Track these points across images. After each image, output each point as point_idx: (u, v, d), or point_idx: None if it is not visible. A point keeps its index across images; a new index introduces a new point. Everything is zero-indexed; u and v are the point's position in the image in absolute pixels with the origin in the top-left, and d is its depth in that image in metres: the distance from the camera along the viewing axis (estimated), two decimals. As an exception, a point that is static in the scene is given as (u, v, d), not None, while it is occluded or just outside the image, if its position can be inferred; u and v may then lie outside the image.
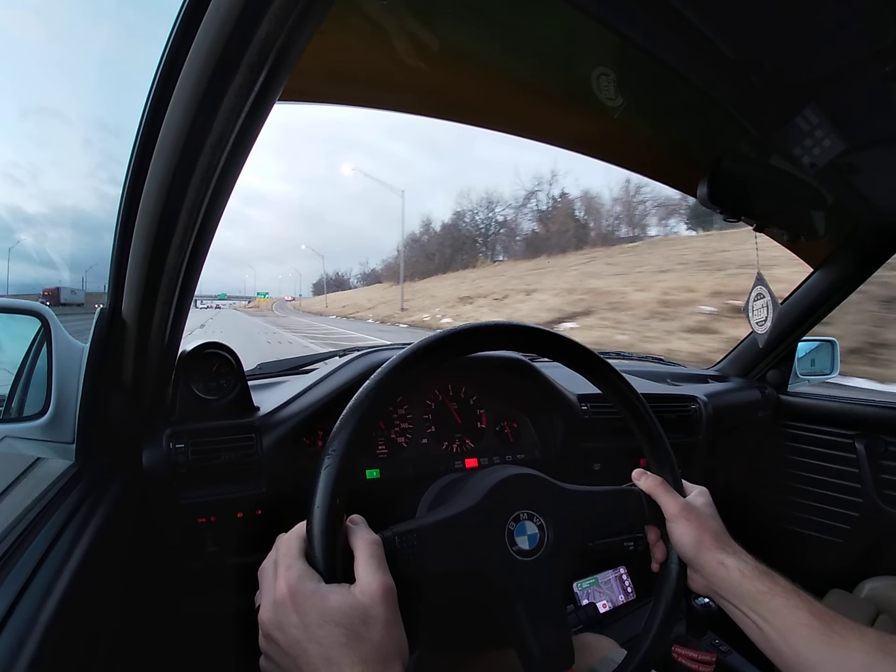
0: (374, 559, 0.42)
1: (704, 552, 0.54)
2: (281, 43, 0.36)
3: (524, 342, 0.59)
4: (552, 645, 0.50)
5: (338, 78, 0.73)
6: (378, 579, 0.41)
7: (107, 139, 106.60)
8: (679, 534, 0.56)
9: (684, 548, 0.55)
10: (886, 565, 1.25)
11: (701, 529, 0.55)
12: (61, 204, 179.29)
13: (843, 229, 1.20)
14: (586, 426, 0.99)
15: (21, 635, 0.40)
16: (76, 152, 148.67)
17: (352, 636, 0.38)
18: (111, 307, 0.61)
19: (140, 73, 0.48)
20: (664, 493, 0.58)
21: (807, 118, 0.77)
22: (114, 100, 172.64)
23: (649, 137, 0.94)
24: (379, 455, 0.86)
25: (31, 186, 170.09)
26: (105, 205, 79.89)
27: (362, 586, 0.41)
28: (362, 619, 0.39)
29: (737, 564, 0.52)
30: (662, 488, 0.59)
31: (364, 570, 0.41)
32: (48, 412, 0.63)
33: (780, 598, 0.49)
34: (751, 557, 0.54)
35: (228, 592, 0.72)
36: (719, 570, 0.52)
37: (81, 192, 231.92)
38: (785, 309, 1.40)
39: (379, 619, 0.39)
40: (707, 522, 0.56)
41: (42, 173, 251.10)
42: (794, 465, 1.49)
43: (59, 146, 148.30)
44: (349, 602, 0.39)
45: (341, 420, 0.46)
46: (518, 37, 0.68)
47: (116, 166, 73.67)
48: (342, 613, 0.39)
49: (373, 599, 0.40)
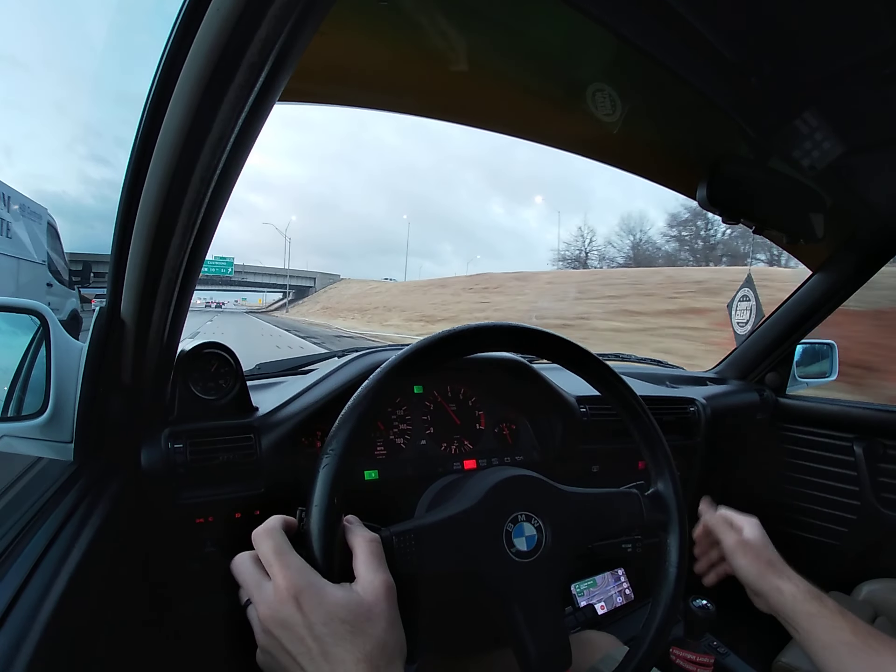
0: (374, 557, 0.42)
1: (763, 580, 0.62)
2: (281, 43, 0.36)
3: (523, 343, 0.59)
4: (549, 646, 0.50)
5: (338, 79, 0.74)
6: (380, 577, 0.41)
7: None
8: (739, 565, 0.64)
9: (746, 578, 0.64)
10: (884, 568, 1.25)
11: (758, 560, 0.63)
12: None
13: (843, 232, 1.20)
14: (585, 428, 0.99)
15: (19, 634, 0.40)
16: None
17: (356, 633, 0.38)
18: (110, 307, 0.61)
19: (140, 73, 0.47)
20: (725, 529, 0.68)
21: (806, 121, 0.77)
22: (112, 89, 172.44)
23: (649, 140, 0.94)
24: (378, 456, 0.86)
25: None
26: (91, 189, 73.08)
27: (364, 584, 0.41)
28: (366, 615, 0.39)
29: (791, 590, 0.60)
30: (723, 526, 0.68)
31: (365, 568, 0.42)
32: (47, 411, 0.63)
33: (827, 619, 0.57)
34: (803, 581, 0.62)
35: (226, 593, 0.72)
36: (776, 595, 0.60)
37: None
38: (784, 312, 1.41)
39: (382, 616, 0.40)
40: (762, 553, 0.64)
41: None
42: (792, 467, 1.49)
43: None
44: (353, 599, 0.40)
45: (340, 419, 0.47)
46: (518, 39, 0.68)
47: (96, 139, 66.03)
48: (347, 610, 0.39)
49: (376, 596, 0.40)
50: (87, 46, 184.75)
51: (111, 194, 2.21)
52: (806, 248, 1.24)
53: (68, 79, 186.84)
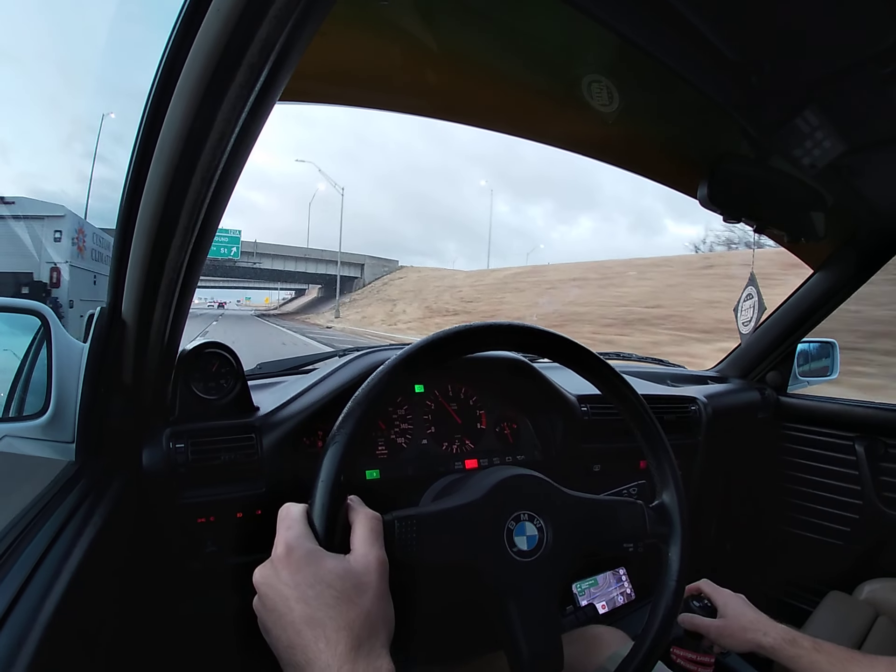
0: (372, 533, 0.43)
1: (746, 645, 0.74)
2: (282, 43, 0.36)
3: (525, 342, 0.60)
4: (542, 649, 0.50)
5: (338, 78, 0.74)
6: (374, 552, 0.42)
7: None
8: (724, 644, 0.76)
9: (733, 648, 0.76)
10: (886, 567, 1.25)
11: (739, 633, 0.75)
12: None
13: (844, 231, 1.20)
14: (586, 427, 0.99)
15: (20, 635, 0.40)
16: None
17: (342, 599, 0.38)
18: (111, 307, 0.62)
19: (139, 73, 0.48)
20: (702, 623, 0.78)
21: (807, 119, 0.77)
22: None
23: (649, 138, 0.94)
24: (379, 455, 0.86)
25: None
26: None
27: (357, 556, 0.41)
28: (354, 584, 0.39)
29: (770, 643, 0.72)
30: (699, 619, 0.78)
31: (361, 542, 0.42)
32: (48, 411, 0.63)
33: (805, 659, 0.68)
34: (778, 629, 0.73)
35: (228, 592, 0.72)
36: (759, 650, 0.73)
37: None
38: (785, 310, 1.41)
39: (370, 587, 0.40)
40: (740, 622, 0.76)
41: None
42: (793, 466, 1.49)
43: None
44: (343, 566, 0.40)
45: (352, 402, 0.48)
46: (518, 38, 0.68)
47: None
48: (335, 576, 0.39)
49: (366, 568, 0.41)
50: (86, 46, 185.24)
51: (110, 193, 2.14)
52: (807, 246, 1.23)
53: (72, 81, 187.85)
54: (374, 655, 0.37)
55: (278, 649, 0.39)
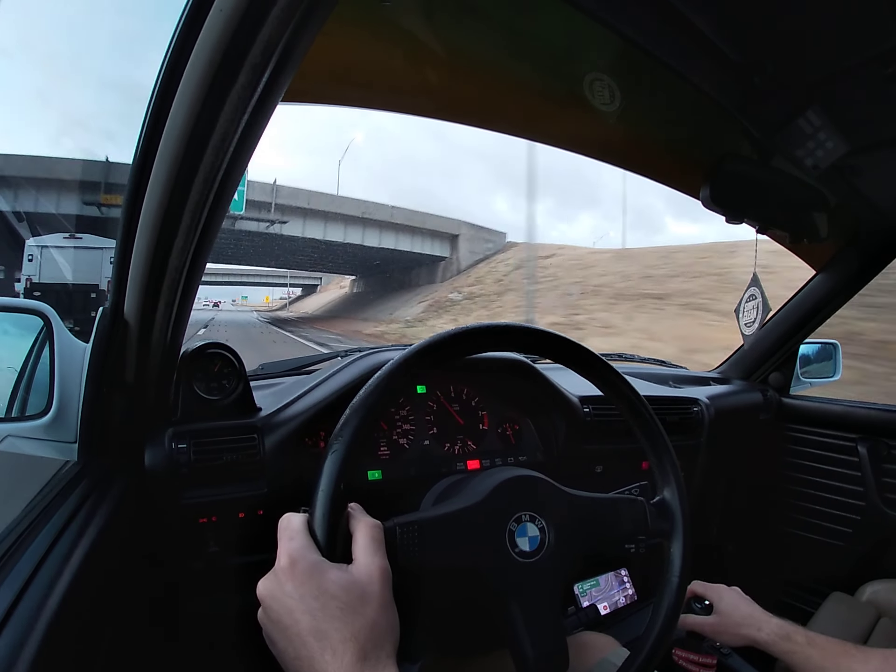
0: (374, 542, 0.43)
1: (741, 640, 0.75)
2: (284, 44, 0.36)
3: (527, 343, 0.60)
4: (547, 649, 0.50)
5: (340, 79, 0.74)
6: (377, 561, 0.42)
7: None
8: (721, 641, 0.78)
9: (730, 644, 0.78)
10: (888, 568, 1.25)
11: (734, 629, 0.76)
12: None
13: (846, 232, 1.20)
14: (588, 428, 0.99)
15: (22, 634, 0.40)
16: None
17: (346, 610, 0.38)
18: (113, 307, 0.62)
19: (141, 73, 0.48)
20: (695, 622, 0.79)
21: (809, 120, 0.76)
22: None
23: (652, 139, 0.94)
24: (381, 456, 0.86)
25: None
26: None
27: (359, 566, 0.41)
28: (358, 595, 0.39)
29: (764, 638, 0.72)
30: (693, 618, 0.80)
31: (363, 552, 0.42)
32: (50, 411, 0.63)
33: (799, 654, 0.69)
34: (773, 624, 0.73)
35: (229, 593, 0.72)
36: (754, 644, 0.74)
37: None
38: (787, 311, 1.40)
39: (374, 597, 0.40)
40: (734, 618, 0.77)
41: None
42: (795, 467, 1.48)
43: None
44: (347, 577, 0.40)
45: (351, 408, 0.48)
46: (520, 38, 0.68)
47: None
48: (339, 587, 0.39)
49: (370, 578, 0.41)
50: (88, 47, 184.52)
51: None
52: (809, 247, 1.23)
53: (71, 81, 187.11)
54: (381, 665, 0.38)
55: (285, 661, 0.39)
